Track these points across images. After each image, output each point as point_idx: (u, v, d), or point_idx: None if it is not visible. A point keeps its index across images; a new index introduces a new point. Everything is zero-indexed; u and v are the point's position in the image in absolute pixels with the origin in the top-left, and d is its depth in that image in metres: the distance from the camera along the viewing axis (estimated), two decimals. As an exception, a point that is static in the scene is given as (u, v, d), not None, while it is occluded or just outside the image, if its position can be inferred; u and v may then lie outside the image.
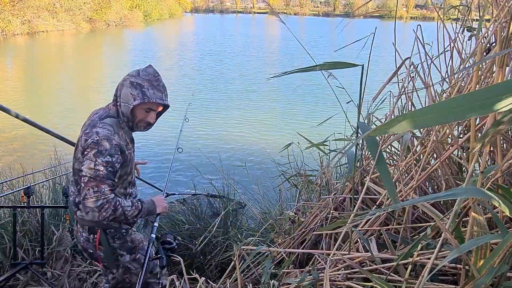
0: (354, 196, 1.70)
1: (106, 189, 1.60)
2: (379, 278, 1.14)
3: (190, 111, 3.25)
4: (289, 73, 1.34)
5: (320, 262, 1.55)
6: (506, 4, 1.43)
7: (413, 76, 1.77)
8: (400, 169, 1.69)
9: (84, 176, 1.61)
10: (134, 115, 1.75)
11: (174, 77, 13.32)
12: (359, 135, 1.59)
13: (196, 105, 9.78)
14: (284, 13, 63.32)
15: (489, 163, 1.65)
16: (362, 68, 1.37)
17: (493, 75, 1.37)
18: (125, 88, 1.71)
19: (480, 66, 1.48)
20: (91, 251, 1.83)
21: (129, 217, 1.70)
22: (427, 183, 1.88)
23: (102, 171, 1.59)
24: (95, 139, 1.62)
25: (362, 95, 1.47)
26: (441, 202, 1.71)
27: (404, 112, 1.95)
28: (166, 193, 3.57)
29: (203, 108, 9.52)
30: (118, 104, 1.75)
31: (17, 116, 1.94)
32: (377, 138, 1.56)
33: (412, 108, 1.96)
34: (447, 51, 1.94)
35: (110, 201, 1.61)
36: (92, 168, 1.59)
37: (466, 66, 1.74)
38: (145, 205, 1.78)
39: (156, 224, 1.93)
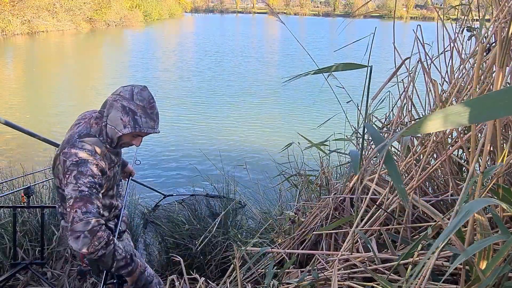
0: (360, 196, 1.70)
1: (95, 210, 1.47)
2: (382, 277, 1.14)
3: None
4: (303, 76, 1.35)
5: (320, 262, 1.55)
6: (506, 4, 1.43)
7: (413, 76, 1.77)
8: (400, 169, 1.69)
9: (69, 199, 1.49)
10: (120, 139, 1.66)
11: (173, 77, 13.33)
12: (361, 135, 1.59)
13: (196, 105, 9.79)
14: (284, 13, 63.39)
15: (489, 163, 1.65)
16: (369, 69, 1.38)
17: (493, 75, 1.37)
18: (115, 111, 1.59)
19: (481, 66, 1.48)
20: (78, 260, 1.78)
21: (115, 261, 1.54)
22: (427, 183, 1.88)
23: (86, 191, 1.49)
24: (74, 160, 1.53)
25: (368, 96, 1.47)
26: (441, 202, 1.71)
27: (404, 112, 1.95)
28: (164, 194, 3.57)
29: (202, 108, 9.52)
30: (104, 124, 1.63)
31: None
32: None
33: (413, 108, 1.96)
34: (447, 51, 1.94)
35: (104, 229, 1.47)
36: (76, 189, 1.48)
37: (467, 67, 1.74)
38: (135, 266, 1.63)
39: None
